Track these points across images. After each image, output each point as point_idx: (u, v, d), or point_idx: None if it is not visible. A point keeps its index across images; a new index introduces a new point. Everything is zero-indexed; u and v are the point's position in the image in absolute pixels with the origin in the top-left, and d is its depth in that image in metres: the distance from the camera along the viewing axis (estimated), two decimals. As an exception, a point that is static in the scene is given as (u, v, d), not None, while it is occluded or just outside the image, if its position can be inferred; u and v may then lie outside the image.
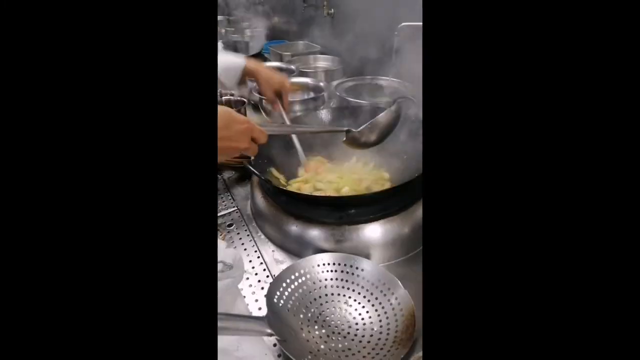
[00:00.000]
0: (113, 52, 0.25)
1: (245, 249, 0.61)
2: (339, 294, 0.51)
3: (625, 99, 0.21)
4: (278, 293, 0.48)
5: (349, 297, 0.50)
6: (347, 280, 0.52)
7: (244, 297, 0.52)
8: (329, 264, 0.53)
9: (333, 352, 0.43)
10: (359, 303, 0.49)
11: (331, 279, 0.52)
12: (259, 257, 0.59)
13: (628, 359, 0.20)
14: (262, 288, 0.53)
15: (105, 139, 0.24)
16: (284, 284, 0.49)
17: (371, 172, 0.68)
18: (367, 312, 0.48)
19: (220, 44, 1.27)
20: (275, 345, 0.44)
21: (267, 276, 0.55)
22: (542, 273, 0.22)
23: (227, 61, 0.72)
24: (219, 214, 0.69)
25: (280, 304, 0.47)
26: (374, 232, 0.55)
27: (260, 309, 0.50)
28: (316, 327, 0.46)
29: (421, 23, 0.82)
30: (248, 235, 0.64)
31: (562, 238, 0.22)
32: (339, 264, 0.53)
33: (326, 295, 0.51)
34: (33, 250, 0.23)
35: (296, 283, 0.50)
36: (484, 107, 0.24)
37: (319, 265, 0.53)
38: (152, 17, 0.25)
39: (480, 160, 0.24)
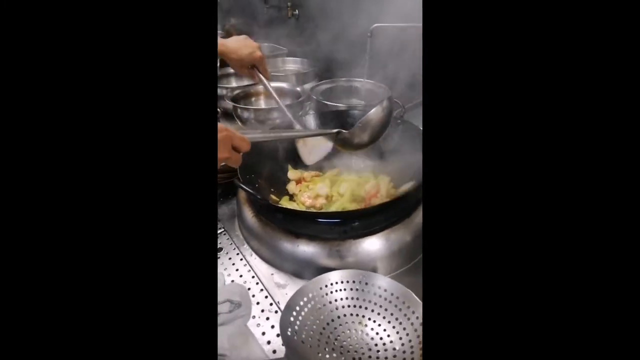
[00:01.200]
0: (112, 55, 0.24)
1: (241, 275, 0.55)
2: (351, 314, 0.48)
3: (625, 100, 0.21)
4: (290, 324, 0.44)
5: (363, 317, 0.47)
6: (358, 298, 0.49)
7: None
8: (337, 282, 0.50)
9: (359, 382, 0.40)
10: (375, 321, 0.47)
11: (341, 299, 0.49)
12: (257, 283, 0.54)
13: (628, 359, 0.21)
14: (268, 318, 0.49)
15: (101, 150, 0.24)
16: (294, 313, 0.45)
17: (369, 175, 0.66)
18: (385, 330, 0.46)
19: None
20: (295, 383, 0.40)
21: (271, 304, 0.51)
22: (541, 278, 0.22)
23: None
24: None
25: (295, 337, 0.42)
26: (379, 243, 0.53)
27: (269, 342, 0.46)
28: (335, 355, 0.43)
29: (394, 24, 0.81)
30: (242, 259, 0.58)
31: (560, 238, 0.22)
32: (348, 282, 0.50)
33: (339, 317, 0.47)
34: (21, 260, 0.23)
35: (306, 309, 0.46)
36: (483, 112, 0.24)
37: (326, 286, 0.49)
38: (151, 21, 0.25)
39: (481, 166, 0.23)
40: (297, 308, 0.46)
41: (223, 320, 0.38)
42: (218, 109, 0.86)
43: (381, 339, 0.45)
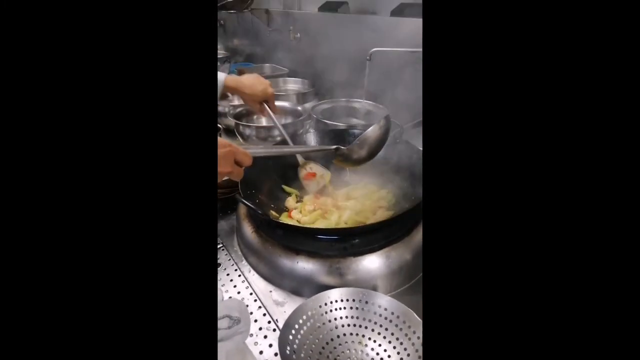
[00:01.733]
0: (112, 70, 0.24)
1: (239, 292, 0.54)
2: (351, 334, 0.47)
3: (627, 102, 0.21)
4: (289, 343, 0.43)
5: (363, 336, 0.47)
6: (358, 317, 0.48)
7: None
8: (337, 300, 0.49)
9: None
10: (375, 341, 0.46)
11: (341, 318, 0.48)
12: (255, 300, 0.53)
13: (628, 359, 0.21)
14: (266, 337, 0.48)
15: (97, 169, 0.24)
16: (293, 331, 0.44)
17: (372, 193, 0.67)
18: (385, 350, 0.45)
19: None
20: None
21: (269, 322, 0.50)
22: (542, 296, 0.22)
23: None
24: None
25: (294, 356, 0.41)
26: (379, 261, 0.53)
27: (266, 362, 0.44)
28: (334, 376, 0.42)
29: (392, 48, 0.84)
30: (240, 275, 0.57)
31: (560, 255, 0.22)
32: (348, 300, 0.49)
33: (338, 337, 0.46)
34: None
35: (305, 327, 0.46)
36: (482, 130, 0.24)
37: (326, 304, 0.49)
38: (151, 35, 0.25)
39: (481, 183, 0.24)
40: (296, 326, 0.45)
41: (222, 336, 0.38)
42: (220, 125, 0.88)
43: (381, 359, 0.44)
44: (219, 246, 0.64)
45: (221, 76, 0.73)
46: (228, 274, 0.58)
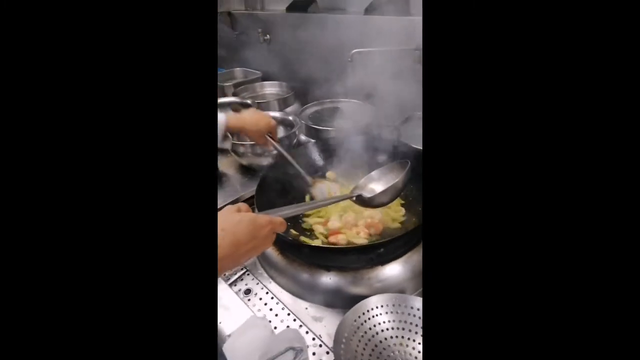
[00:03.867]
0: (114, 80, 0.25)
1: (276, 315, 0.56)
2: (391, 337, 0.51)
3: (628, 108, 0.21)
4: (342, 357, 0.46)
5: (403, 337, 0.51)
6: (395, 320, 0.52)
7: (300, 371, 0.48)
8: (372, 308, 0.53)
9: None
10: (414, 340, 0.50)
11: (379, 323, 0.52)
12: (295, 319, 0.55)
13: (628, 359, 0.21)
14: (314, 354, 0.50)
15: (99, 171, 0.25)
16: (343, 346, 0.48)
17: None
18: (426, 346, 0.50)
19: None
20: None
21: (313, 338, 0.53)
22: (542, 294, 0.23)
23: None
24: (228, 282, 0.62)
25: (351, 369, 0.45)
26: (404, 266, 0.57)
27: (322, 378, 0.47)
28: (387, 379, 0.46)
29: (371, 49, 0.86)
30: (272, 298, 0.59)
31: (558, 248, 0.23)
32: (383, 306, 0.53)
33: (381, 342, 0.50)
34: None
35: (352, 340, 0.49)
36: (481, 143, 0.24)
37: (364, 313, 0.52)
38: (152, 49, 0.26)
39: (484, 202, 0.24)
40: (344, 340, 0.48)
41: (290, 371, 0.40)
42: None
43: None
44: (243, 271, 0.64)
45: (222, 117, 0.71)
46: (261, 298, 0.59)
